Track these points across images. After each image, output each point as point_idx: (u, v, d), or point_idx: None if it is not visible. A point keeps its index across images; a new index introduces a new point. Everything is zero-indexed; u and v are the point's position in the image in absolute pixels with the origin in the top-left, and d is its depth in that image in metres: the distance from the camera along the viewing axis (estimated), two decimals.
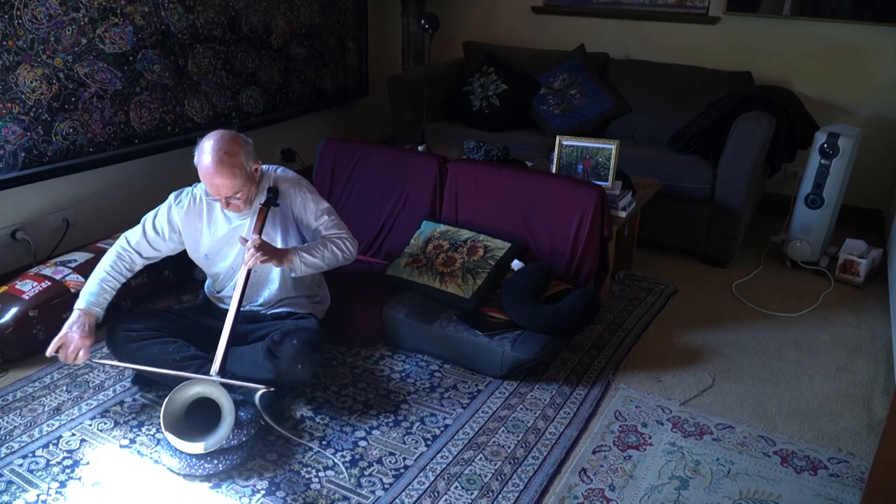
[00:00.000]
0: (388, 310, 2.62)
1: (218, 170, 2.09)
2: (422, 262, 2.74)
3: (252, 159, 2.18)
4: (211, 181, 2.11)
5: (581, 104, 3.91)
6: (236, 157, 2.12)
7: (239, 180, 2.12)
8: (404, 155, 3.13)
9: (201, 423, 2.00)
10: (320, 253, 2.27)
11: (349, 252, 2.33)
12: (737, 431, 2.24)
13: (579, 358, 2.61)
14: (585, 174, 2.97)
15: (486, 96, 4.06)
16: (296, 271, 2.24)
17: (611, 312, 2.94)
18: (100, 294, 2.22)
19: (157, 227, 2.29)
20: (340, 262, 2.32)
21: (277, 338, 2.21)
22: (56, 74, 2.84)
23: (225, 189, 2.12)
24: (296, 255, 2.22)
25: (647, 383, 2.48)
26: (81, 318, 2.15)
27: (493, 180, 2.88)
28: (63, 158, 2.96)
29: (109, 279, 2.25)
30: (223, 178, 2.10)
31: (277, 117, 4.05)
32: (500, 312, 2.54)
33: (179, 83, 3.39)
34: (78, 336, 2.11)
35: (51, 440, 2.12)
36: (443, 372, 2.52)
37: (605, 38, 4.23)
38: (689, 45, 4.04)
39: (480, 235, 2.78)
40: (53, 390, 2.36)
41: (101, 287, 2.23)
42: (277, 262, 2.18)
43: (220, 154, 2.09)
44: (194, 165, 2.15)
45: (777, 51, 3.83)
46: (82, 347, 2.10)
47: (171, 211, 2.30)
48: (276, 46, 3.93)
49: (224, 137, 2.14)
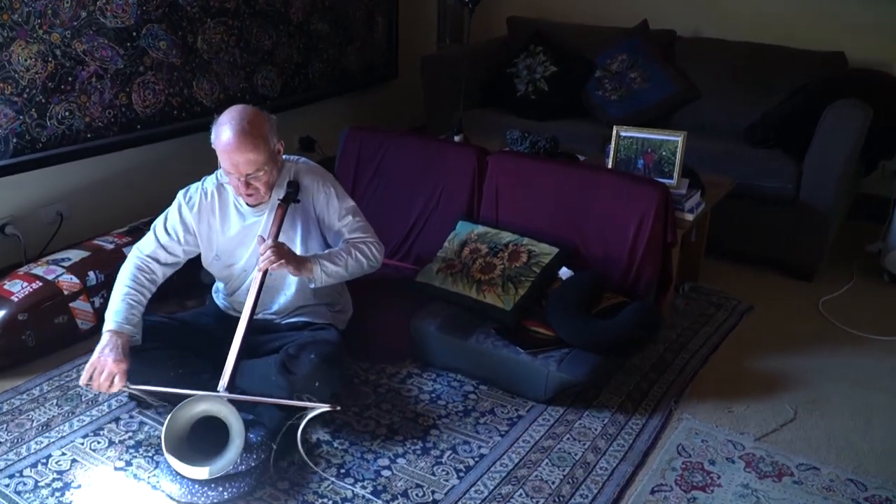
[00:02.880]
0: (418, 322, 2.63)
1: (240, 141, 2.12)
2: (456, 267, 2.75)
3: (276, 136, 2.23)
4: (231, 157, 2.15)
5: (642, 89, 3.88)
6: (260, 128, 2.16)
7: (262, 155, 2.15)
8: (438, 146, 3.14)
9: (206, 445, 2.03)
10: (343, 261, 2.29)
11: (375, 259, 2.36)
12: (822, 473, 2.20)
13: (636, 382, 2.59)
14: (646, 170, 2.96)
15: (533, 79, 4.05)
16: (315, 282, 2.27)
17: (674, 330, 2.92)
18: (127, 311, 2.19)
19: (170, 230, 2.33)
20: (365, 270, 2.35)
21: (293, 351, 2.23)
22: (52, 51, 2.92)
23: (246, 164, 2.15)
24: (316, 264, 2.25)
25: (716, 414, 2.45)
26: (113, 340, 2.12)
27: (539, 176, 2.87)
28: (58, 145, 3.04)
29: (134, 294, 2.24)
30: (245, 152, 2.13)
31: (296, 101, 4.11)
32: (545, 327, 2.53)
33: (187, 62, 3.46)
34: (112, 360, 2.08)
35: (39, 459, 2.18)
36: (478, 394, 2.52)
37: (671, 13, 4.19)
38: (771, 20, 3.98)
39: (524, 239, 2.78)
40: (42, 404, 2.42)
41: (128, 304, 2.21)
42: (295, 270, 2.21)
43: (241, 124, 2.14)
44: (204, 153, 2.20)
45: (876, 27, 3.76)
46: (117, 373, 2.07)
47: (182, 210, 2.34)
48: (295, 22, 3.99)
49: (245, 110, 2.19)
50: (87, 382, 2.09)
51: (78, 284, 2.72)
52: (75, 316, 2.72)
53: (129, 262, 2.32)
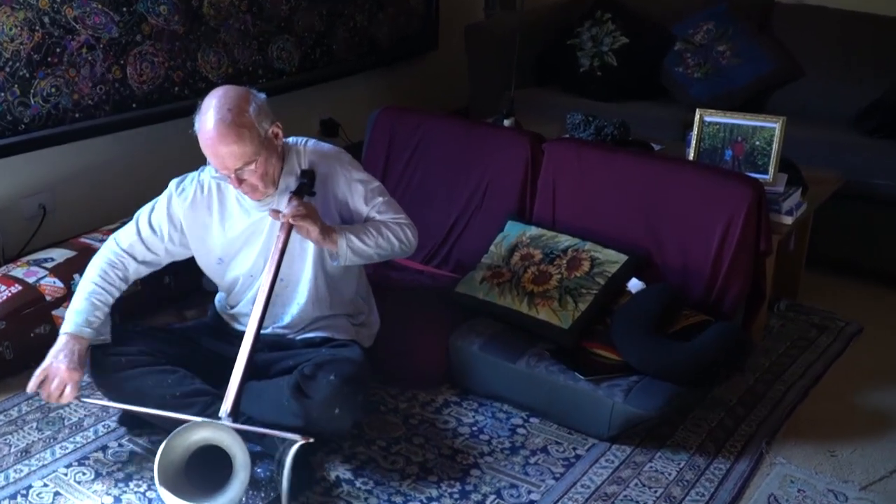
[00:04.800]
0: (457, 340, 2.63)
1: (220, 132, 2.14)
2: (504, 276, 2.75)
3: (267, 119, 2.23)
4: (214, 150, 2.17)
5: (732, 65, 3.85)
6: (242, 114, 2.17)
7: (249, 145, 2.17)
8: (485, 131, 3.14)
9: (206, 478, 2.05)
10: (373, 239, 2.31)
11: (408, 242, 2.38)
12: None
13: (719, 419, 2.57)
14: (736, 163, 2.93)
15: (599, 53, 4.03)
16: (340, 258, 2.29)
17: (766, 357, 2.89)
18: (90, 312, 2.27)
19: (154, 223, 2.37)
20: (396, 253, 2.38)
21: (308, 371, 2.25)
22: (40, 19, 2.99)
23: (231, 158, 2.17)
24: (342, 237, 2.27)
25: (816, 458, 2.43)
26: (69, 345, 2.18)
27: (605, 168, 2.86)
28: (42, 127, 3.10)
29: (100, 292, 2.31)
30: (228, 144, 2.15)
31: (317, 77, 4.14)
32: (611, 350, 2.52)
33: (192, 30, 3.51)
34: (64, 367, 2.14)
35: (19, 490, 2.22)
36: (529, 428, 2.51)
37: None
38: None
39: (586, 243, 2.77)
40: (21, 427, 2.47)
41: (91, 303, 2.27)
42: (320, 235, 2.22)
43: (222, 112, 2.16)
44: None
45: None
46: (69, 382, 2.14)
47: (172, 203, 2.37)
48: None
49: (228, 93, 2.21)
50: (36, 390, 2.15)
51: (62, 289, 2.78)
52: (58, 325, 2.74)
53: (101, 254, 2.37)
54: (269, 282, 2.22)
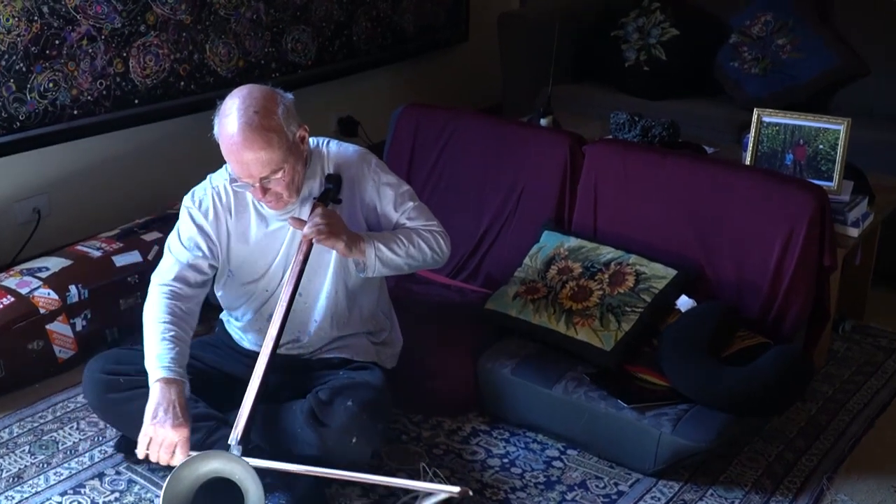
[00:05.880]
0: (487, 362, 2.63)
1: (246, 137, 2.15)
2: (540, 292, 2.75)
3: (295, 122, 2.24)
4: (238, 156, 2.18)
5: (792, 60, 3.84)
6: (271, 117, 2.18)
7: (277, 151, 2.17)
8: (519, 131, 3.14)
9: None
10: (403, 248, 2.31)
11: (440, 252, 2.38)
12: None
13: (777, 451, 2.56)
14: (797, 168, 2.92)
15: (647, 46, 4.03)
16: (367, 269, 2.29)
17: (829, 384, 2.87)
18: (173, 350, 2.18)
19: (189, 244, 2.36)
20: (427, 263, 2.39)
21: (324, 396, 2.26)
22: (39, 8, 3.03)
23: (258, 165, 2.17)
24: (370, 245, 2.27)
25: (881, 494, 2.41)
26: (166, 395, 2.10)
27: (652, 173, 2.85)
28: (38, 125, 3.15)
29: (173, 329, 2.21)
30: (255, 150, 2.15)
31: (335, 71, 4.16)
32: (657, 375, 2.52)
33: (199, 20, 3.54)
34: (170, 426, 2.07)
35: None
36: (566, 461, 2.51)
37: None
38: None
39: (630, 256, 2.76)
40: (13, 450, 2.50)
41: (170, 341, 2.19)
42: (346, 247, 2.22)
43: (248, 114, 2.16)
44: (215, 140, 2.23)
45: None
46: (179, 441, 2.08)
47: (196, 218, 2.37)
48: None
49: (252, 93, 2.21)
50: (146, 455, 2.10)
51: (57, 301, 2.80)
52: (52, 341, 2.80)
53: (154, 297, 2.30)
54: (288, 298, 2.22)
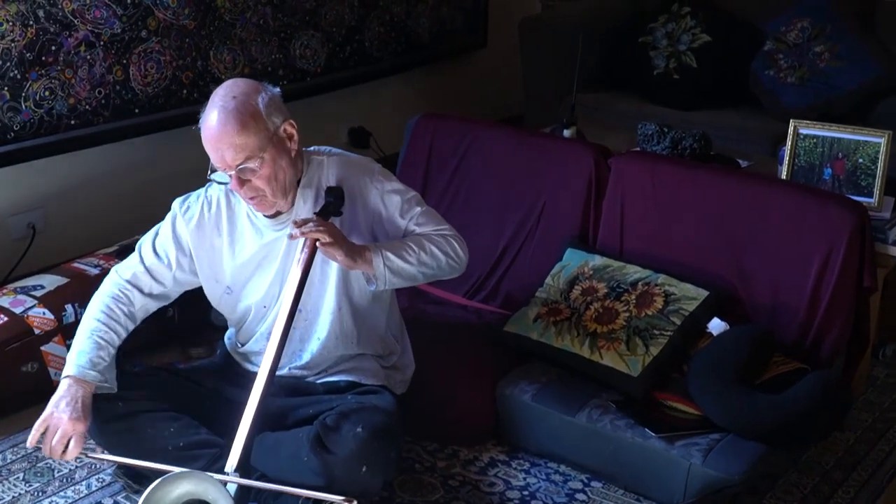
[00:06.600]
0: (506, 388, 2.63)
1: (220, 120, 2.16)
2: (563, 314, 2.74)
3: (279, 114, 2.25)
4: (213, 142, 2.19)
5: (831, 69, 3.84)
6: (248, 102, 2.20)
7: (253, 137, 2.17)
8: (541, 143, 3.15)
9: None
10: (414, 255, 2.29)
11: (457, 257, 2.36)
12: None
13: (814, 483, 2.55)
14: (836, 183, 2.92)
15: (676, 52, 4.03)
16: (378, 280, 2.27)
17: (869, 412, 2.87)
18: (93, 352, 2.26)
19: (159, 250, 2.40)
20: (444, 270, 2.36)
21: (331, 422, 2.26)
22: (34, 12, 3.07)
23: (231, 150, 2.16)
24: (377, 254, 2.25)
25: None
26: (71, 391, 2.19)
27: (682, 188, 2.86)
28: (34, 135, 3.17)
29: (104, 330, 2.31)
30: (229, 134, 2.16)
31: (346, 79, 4.18)
32: (687, 402, 2.51)
33: (203, 25, 3.57)
34: (67, 418, 2.14)
35: None
36: (590, 493, 2.50)
37: None
38: None
39: (659, 276, 2.76)
40: (6, 477, 2.51)
41: (95, 342, 2.28)
42: (347, 258, 2.20)
43: (226, 100, 2.19)
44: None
45: None
46: (73, 435, 2.14)
47: (177, 224, 2.40)
48: None
49: (236, 83, 2.27)
50: (36, 444, 2.16)
51: (52, 321, 2.83)
52: (48, 363, 2.81)
53: (103, 288, 2.40)
54: (287, 313, 2.22)
